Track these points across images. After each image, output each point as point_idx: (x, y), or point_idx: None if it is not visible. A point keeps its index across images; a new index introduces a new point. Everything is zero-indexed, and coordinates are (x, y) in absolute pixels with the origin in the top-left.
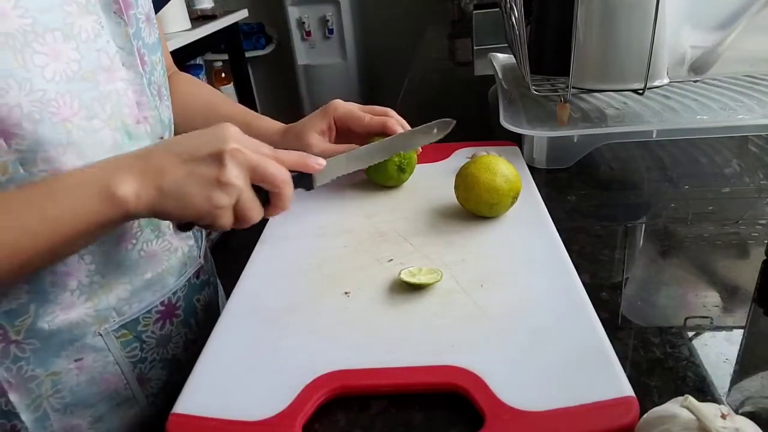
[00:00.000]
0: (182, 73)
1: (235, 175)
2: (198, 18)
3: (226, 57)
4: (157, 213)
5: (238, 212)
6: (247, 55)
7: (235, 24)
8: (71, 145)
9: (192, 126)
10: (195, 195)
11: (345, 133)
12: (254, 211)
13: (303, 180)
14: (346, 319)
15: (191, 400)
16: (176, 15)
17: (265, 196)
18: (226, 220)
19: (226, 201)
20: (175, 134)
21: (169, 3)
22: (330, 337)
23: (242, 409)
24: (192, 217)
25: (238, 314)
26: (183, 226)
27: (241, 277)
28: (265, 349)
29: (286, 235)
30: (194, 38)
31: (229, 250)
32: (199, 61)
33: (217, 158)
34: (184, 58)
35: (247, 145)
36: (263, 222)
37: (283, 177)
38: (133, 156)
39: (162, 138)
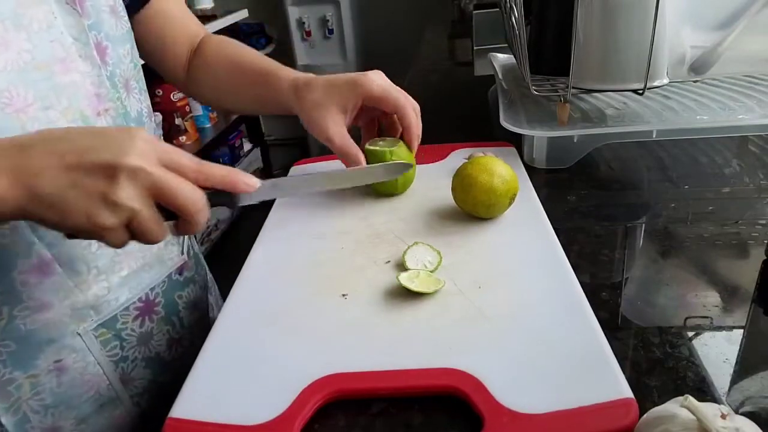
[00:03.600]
0: (213, 36)
1: (128, 196)
2: (198, 18)
3: None
4: (28, 218)
5: (133, 231)
6: None
7: (235, 24)
8: None
9: (224, 93)
10: (74, 209)
11: (365, 111)
12: (155, 231)
13: (226, 196)
14: (344, 321)
15: (188, 405)
16: None
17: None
18: (115, 239)
19: (111, 222)
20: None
21: None
22: (327, 339)
23: (240, 413)
24: (72, 231)
25: (234, 317)
26: (70, 234)
27: (238, 279)
28: (262, 353)
29: (283, 238)
30: None
31: (227, 253)
32: None
33: (110, 172)
34: None
35: (155, 161)
36: (260, 223)
37: (195, 204)
38: (10, 145)
39: None
